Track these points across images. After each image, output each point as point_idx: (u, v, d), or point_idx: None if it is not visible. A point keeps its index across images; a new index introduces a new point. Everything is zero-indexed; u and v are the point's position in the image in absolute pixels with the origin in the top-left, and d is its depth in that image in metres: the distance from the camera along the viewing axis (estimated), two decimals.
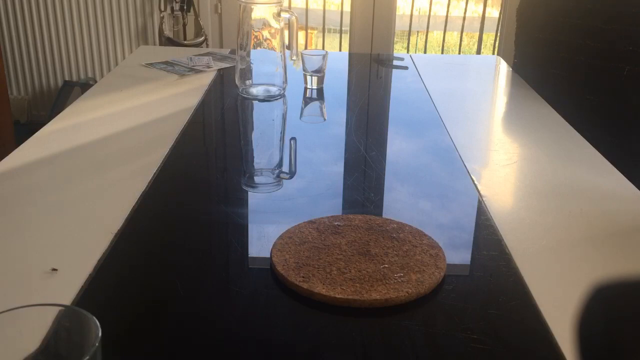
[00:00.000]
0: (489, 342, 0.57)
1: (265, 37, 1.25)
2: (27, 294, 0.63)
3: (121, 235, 0.74)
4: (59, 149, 0.99)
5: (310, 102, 1.34)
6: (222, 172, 1.00)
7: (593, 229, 0.79)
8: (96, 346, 0.41)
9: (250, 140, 1.15)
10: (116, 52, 2.94)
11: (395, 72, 1.61)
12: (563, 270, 0.70)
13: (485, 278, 0.67)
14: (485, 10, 2.95)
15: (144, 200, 0.83)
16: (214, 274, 0.68)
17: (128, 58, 1.61)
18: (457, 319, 0.61)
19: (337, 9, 2.99)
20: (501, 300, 0.63)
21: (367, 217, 0.78)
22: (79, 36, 2.91)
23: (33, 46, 2.92)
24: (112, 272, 0.67)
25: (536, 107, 1.29)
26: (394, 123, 1.23)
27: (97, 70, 2.98)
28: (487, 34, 2.99)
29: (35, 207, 0.80)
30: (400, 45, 3.15)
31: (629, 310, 0.38)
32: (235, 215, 0.82)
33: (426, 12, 3.01)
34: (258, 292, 0.64)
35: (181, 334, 0.57)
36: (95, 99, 1.25)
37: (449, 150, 1.04)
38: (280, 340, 0.58)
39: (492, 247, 0.73)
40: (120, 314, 0.60)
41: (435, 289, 0.65)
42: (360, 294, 0.62)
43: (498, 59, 1.73)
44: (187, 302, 0.62)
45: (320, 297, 0.62)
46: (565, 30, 1.62)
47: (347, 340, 0.57)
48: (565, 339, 0.57)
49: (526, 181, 0.94)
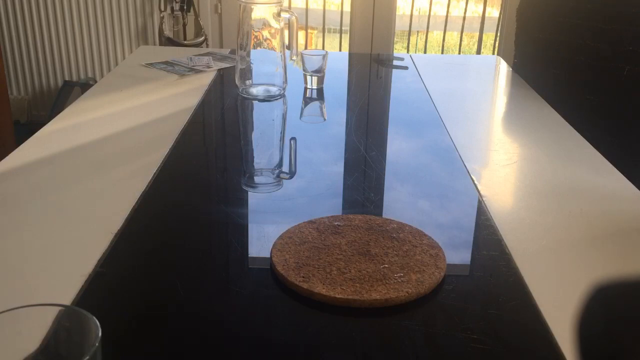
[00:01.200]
0: (489, 342, 0.57)
1: (265, 37, 1.25)
2: (27, 294, 0.63)
3: (121, 235, 0.74)
4: (59, 149, 0.99)
5: (310, 102, 1.34)
6: (222, 172, 1.00)
7: (593, 229, 0.79)
8: (96, 346, 0.41)
9: (250, 140, 1.15)
10: (116, 52, 2.94)
11: (395, 72, 1.61)
12: (563, 270, 0.70)
13: (485, 278, 0.67)
14: (485, 10, 2.95)
15: (144, 200, 0.83)
16: (214, 274, 0.68)
17: (128, 58, 1.61)
18: (457, 319, 0.61)
19: (337, 9, 2.99)
20: (501, 300, 0.63)
21: (367, 217, 0.78)
22: (79, 36, 2.91)
23: (33, 46, 2.92)
24: (112, 272, 0.67)
25: (536, 107, 1.29)
26: (394, 123, 1.23)
27: (97, 70, 2.98)
28: (487, 34, 2.99)
29: (35, 207, 0.80)
30: (400, 45, 3.15)
31: (629, 310, 0.38)
32: (235, 215, 0.82)
33: (426, 12, 3.01)
34: (258, 292, 0.64)
35: (181, 334, 0.57)
36: (95, 99, 1.25)
37: (449, 150, 1.04)
38: (280, 340, 0.58)
39: (492, 247, 0.73)
40: (120, 314, 0.60)
41: (435, 289, 0.65)
42: (360, 294, 0.62)
43: (498, 59, 1.73)
44: (187, 302, 0.62)
45: (320, 297, 0.62)
46: (565, 30, 1.62)
47: (347, 340, 0.57)
48: (565, 339, 0.57)
49: (526, 181, 0.94)
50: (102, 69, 2.98)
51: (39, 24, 2.88)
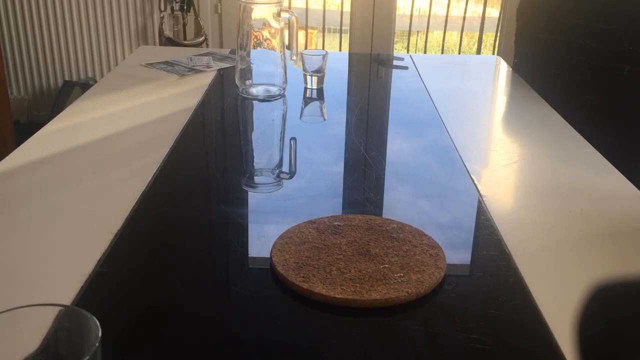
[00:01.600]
0: (489, 342, 0.57)
1: (265, 37, 1.25)
2: (27, 294, 0.63)
3: (121, 235, 0.74)
4: (59, 149, 0.99)
5: (310, 102, 1.34)
6: (222, 172, 1.00)
7: (593, 229, 0.79)
8: (96, 346, 0.41)
9: (250, 140, 1.15)
10: (116, 52, 2.94)
11: (395, 72, 1.62)
12: (563, 270, 0.70)
13: (485, 278, 0.67)
14: (485, 10, 2.95)
15: (144, 200, 0.83)
16: (214, 274, 0.68)
17: (128, 58, 1.61)
18: (457, 319, 0.61)
19: (337, 9, 2.99)
20: (501, 300, 0.63)
21: (367, 217, 0.78)
22: (79, 36, 2.91)
23: (33, 46, 2.92)
24: (112, 272, 0.67)
25: (536, 107, 1.29)
26: (394, 123, 1.23)
27: (97, 70, 2.98)
28: (487, 34, 2.99)
29: (35, 207, 0.80)
30: (400, 45, 3.15)
31: (629, 310, 0.38)
32: (235, 215, 0.82)
33: (426, 12, 3.01)
34: (258, 292, 0.64)
35: (181, 334, 0.57)
36: (95, 99, 1.25)
37: (449, 150, 1.04)
38: (280, 340, 0.58)
39: (492, 247, 0.73)
40: (120, 314, 0.60)
41: (435, 289, 0.65)
42: (360, 294, 0.62)
43: (498, 59, 1.73)
44: (187, 302, 0.62)
45: (320, 297, 0.62)
46: (565, 30, 1.62)
47: (347, 340, 0.57)
48: (565, 339, 0.57)
49: (526, 181, 0.94)
50: (102, 69, 2.98)
51: (39, 24, 2.88)
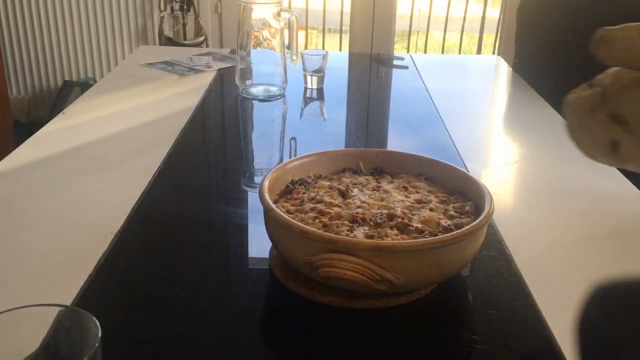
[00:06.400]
0: (489, 342, 0.57)
1: (265, 37, 1.25)
2: (27, 294, 0.63)
3: (121, 235, 0.74)
4: (59, 149, 0.99)
5: (310, 102, 1.34)
6: (222, 172, 1.00)
7: (593, 229, 0.79)
8: (96, 346, 0.41)
9: (250, 140, 1.15)
10: (116, 52, 2.94)
11: (395, 71, 1.62)
12: (563, 270, 0.70)
13: (485, 278, 0.67)
14: (486, 10, 2.95)
15: (144, 200, 0.83)
16: (214, 274, 0.68)
17: (128, 58, 1.61)
18: (457, 319, 0.61)
19: (337, 9, 2.99)
20: (501, 300, 0.63)
21: None
22: (79, 36, 2.91)
23: (33, 46, 2.92)
24: (112, 272, 0.67)
25: (536, 107, 1.29)
26: (394, 123, 1.23)
27: (97, 70, 2.98)
28: (487, 34, 2.99)
29: (35, 207, 0.80)
30: (400, 45, 3.15)
31: (629, 310, 0.38)
32: (235, 215, 0.82)
33: (426, 12, 3.01)
34: (258, 292, 0.64)
35: (181, 334, 0.57)
36: (95, 99, 1.25)
37: (449, 150, 1.04)
38: (280, 340, 0.58)
39: (492, 247, 0.73)
40: (120, 314, 0.60)
41: (435, 289, 0.64)
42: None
43: (498, 59, 1.73)
44: (187, 302, 0.62)
45: (320, 297, 0.62)
46: (565, 30, 1.61)
47: (347, 340, 0.57)
48: (565, 339, 0.57)
49: (526, 181, 0.94)
50: (102, 69, 2.98)
51: (39, 24, 2.88)
